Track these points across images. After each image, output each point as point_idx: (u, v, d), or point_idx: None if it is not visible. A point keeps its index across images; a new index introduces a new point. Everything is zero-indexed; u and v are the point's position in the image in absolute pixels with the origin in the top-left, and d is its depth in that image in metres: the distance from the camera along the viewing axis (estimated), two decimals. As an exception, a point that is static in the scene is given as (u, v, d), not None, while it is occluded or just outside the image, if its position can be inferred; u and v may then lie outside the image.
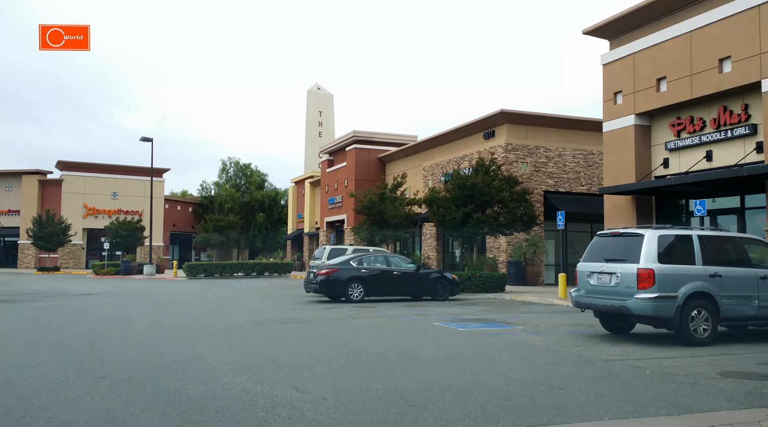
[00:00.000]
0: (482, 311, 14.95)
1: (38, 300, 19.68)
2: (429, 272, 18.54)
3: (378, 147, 39.19)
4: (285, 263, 41.40)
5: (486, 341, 9.57)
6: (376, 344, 9.37)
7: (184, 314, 14.51)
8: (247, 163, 66.39)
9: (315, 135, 65.77)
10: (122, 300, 19.51)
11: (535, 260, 26.37)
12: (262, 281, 32.92)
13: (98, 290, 25.53)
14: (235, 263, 39.82)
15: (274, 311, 14.97)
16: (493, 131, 28.05)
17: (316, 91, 66.68)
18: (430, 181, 32.99)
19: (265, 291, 23.90)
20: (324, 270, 17.34)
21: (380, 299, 18.18)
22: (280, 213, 65.76)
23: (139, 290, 24.97)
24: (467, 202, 20.65)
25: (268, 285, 28.93)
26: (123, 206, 54.32)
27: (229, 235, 52.11)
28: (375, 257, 18.44)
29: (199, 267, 38.26)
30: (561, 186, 27.72)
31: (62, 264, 51.68)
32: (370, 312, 14.48)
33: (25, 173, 52.85)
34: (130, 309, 16.03)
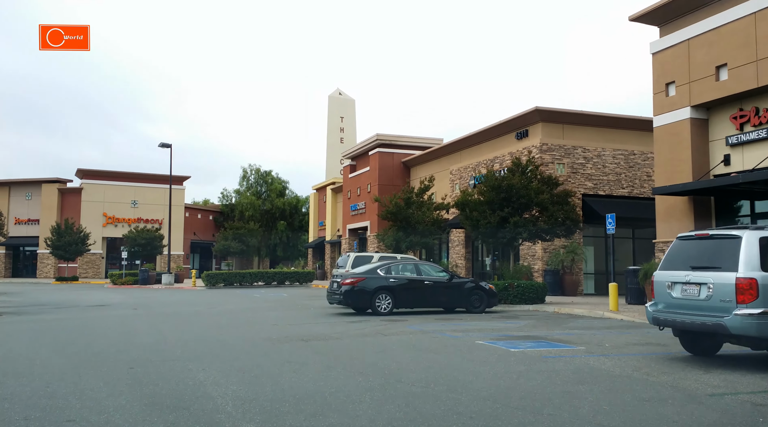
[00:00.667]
0: (528, 326, 13.24)
1: (45, 312, 18.50)
2: (463, 281, 16.87)
3: (402, 151, 37.65)
4: (306, 271, 39.98)
5: (549, 367, 7.90)
6: (415, 370, 7.76)
7: (196, 329, 13.06)
8: (268, 171, 65.39)
9: (336, 141, 64.51)
10: (133, 312, 18.21)
11: (574, 269, 24.51)
12: (282, 291, 31.51)
13: (112, 300, 24.36)
14: (255, 272, 38.51)
15: (295, 326, 13.45)
16: (526, 131, 26.33)
17: (338, 97, 65.48)
18: (458, 186, 31.33)
19: (286, 302, 22.44)
20: (349, 279, 15.79)
21: (410, 312, 16.57)
22: (301, 221, 64.51)
23: (153, 301, 23.70)
24: (503, 205, 18.96)
25: (288, 295, 27.49)
26: (143, 215, 53.53)
27: (249, 243, 50.83)
28: (404, 266, 16.84)
29: (218, 276, 37.03)
30: (600, 189, 25.86)
31: (81, 274, 50.96)
32: (400, 327, 12.87)
33: (45, 182, 52.34)
34: (138, 323, 14.65)
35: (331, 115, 65.03)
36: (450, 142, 32.70)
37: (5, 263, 52.67)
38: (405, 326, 12.97)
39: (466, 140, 31.00)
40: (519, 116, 26.30)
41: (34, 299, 25.07)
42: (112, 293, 30.72)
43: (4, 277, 51.92)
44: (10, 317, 16.69)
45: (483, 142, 29.68)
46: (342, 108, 65.36)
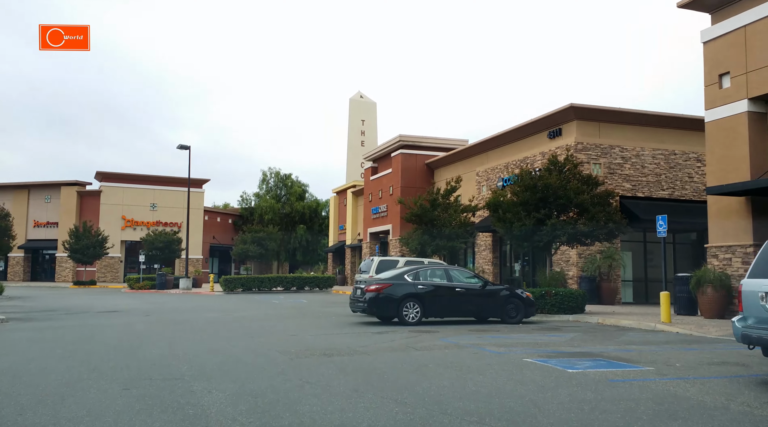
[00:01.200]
0: (575, 340, 11.85)
1: (53, 318, 17.57)
2: (497, 288, 15.51)
3: (425, 152, 36.37)
4: (326, 276, 38.82)
5: (623, 395, 6.55)
6: (461, 396, 6.47)
7: (207, 340, 11.90)
8: (288, 174, 64.43)
9: (357, 144, 63.47)
10: (144, 319, 17.18)
11: (611, 275, 22.96)
12: (302, 297, 30.37)
13: (125, 306, 23.43)
14: (274, 276, 37.47)
15: (316, 337, 12.23)
16: (559, 130, 24.90)
17: (359, 100, 64.48)
18: (485, 188, 29.95)
19: (305, 309, 21.27)
20: (374, 286, 14.53)
21: (439, 322, 15.26)
22: (321, 225, 63.47)
23: (167, 307, 22.70)
24: (539, 206, 17.56)
25: (308, 302, 26.33)
26: (162, 218, 52.89)
27: (268, 246, 49.78)
28: (432, 271, 15.53)
29: (236, 281, 36.04)
30: (639, 190, 24.30)
31: (100, 278, 50.45)
32: (433, 340, 11.57)
33: (64, 184, 51.99)
34: (146, 332, 13.56)
35: (352, 118, 64.04)
36: (476, 143, 31.35)
37: (24, 267, 52.39)
38: (437, 339, 11.66)
39: (493, 141, 29.63)
40: (552, 114, 24.88)
41: (46, 304, 24.26)
42: (128, 298, 29.87)
43: (23, 280, 51.63)
44: (14, 324, 15.75)
45: (512, 143, 28.29)
46: (363, 111, 64.34)
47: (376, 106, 65.29)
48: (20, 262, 52.26)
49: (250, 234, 49.54)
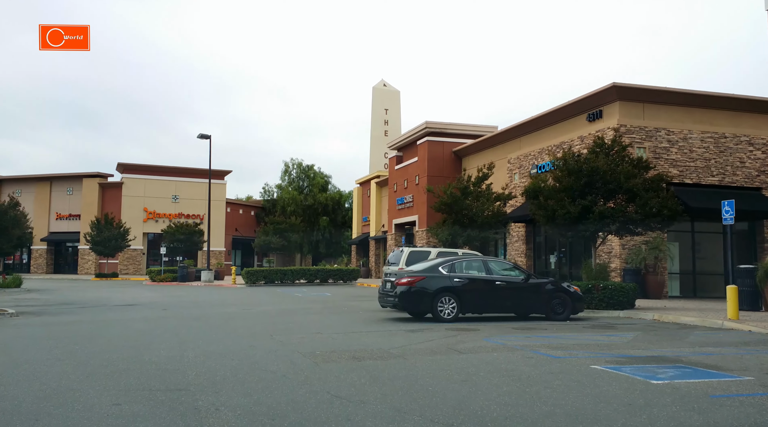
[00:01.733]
0: (639, 340, 10.39)
1: (66, 313, 16.65)
2: (541, 281, 14.08)
3: (453, 139, 34.88)
4: (350, 269, 37.62)
5: (741, 419, 5.15)
6: (534, 420, 5.13)
7: (223, 339, 10.72)
8: (310, 165, 63.33)
9: (380, 134, 62.15)
10: (161, 314, 16.17)
11: (658, 268, 21.32)
12: (325, 290, 29.23)
13: (143, 299, 22.52)
14: (297, 269, 36.38)
15: (342, 336, 10.97)
16: (600, 111, 23.25)
17: (382, 88, 63.08)
18: (517, 175, 28.40)
19: (330, 303, 20.07)
20: (405, 279, 13.20)
21: (478, 318, 13.90)
22: (344, 216, 62.35)
23: (186, 301, 21.70)
24: (584, 192, 16.04)
25: (332, 295, 25.15)
26: (184, 210, 52.25)
27: (291, 238, 48.71)
28: (469, 263, 14.14)
29: (258, 274, 35.05)
30: (687, 176, 22.55)
31: (122, 270, 50.02)
32: (475, 339, 10.23)
33: (86, 176, 51.58)
34: (160, 328, 12.46)
35: (375, 107, 62.70)
36: (507, 129, 29.78)
37: (47, 259, 52.21)
38: (480, 339, 10.31)
39: (526, 125, 28.04)
40: (592, 95, 23.23)
41: (63, 298, 23.49)
42: (148, 291, 29.06)
43: (46, 273, 51.45)
44: (24, 319, 14.85)
45: (547, 127, 26.68)
46: (386, 100, 62.95)
47: (399, 95, 63.83)
48: (43, 254, 52.08)
49: (272, 226, 48.52)
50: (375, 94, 62.68)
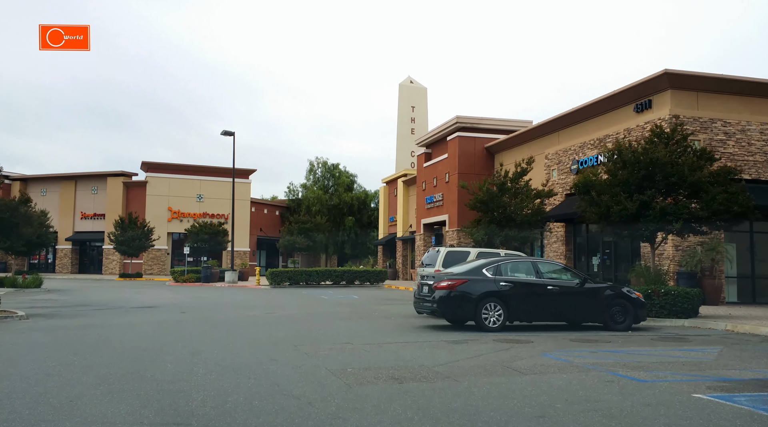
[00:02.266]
0: (727, 357, 8.79)
1: (79, 315, 15.63)
2: (599, 286, 12.52)
3: (484, 135, 33.28)
4: (377, 270, 36.26)
5: None
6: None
7: (242, 349, 9.42)
8: (335, 164, 62.17)
9: (407, 132, 60.72)
10: (178, 317, 15.04)
11: (715, 271, 19.52)
12: (352, 292, 27.92)
13: (164, 301, 21.50)
14: (322, 270, 35.16)
15: (376, 348, 9.58)
16: (649, 101, 21.51)
17: (409, 85, 61.64)
18: (555, 172, 26.74)
19: (358, 307, 18.73)
20: (445, 282, 11.76)
21: (526, 326, 12.41)
22: (370, 217, 61.05)
23: (208, 303, 20.59)
24: (642, 186, 14.40)
25: (360, 297, 23.82)
26: (208, 209, 51.52)
27: (316, 238, 47.48)
28: (516, 264, 12.63)
29: (283, 275, 33.92)
30: (745, 172, 20.67)
31: (146, 270, 49.44)
32: (532, 355, 8.77)
33: (110, 175, 51.17)
34: (173, 335, 11.25)
35: (401, 104, 61.30)
36: (545, 122, 28.10)
37: (72, 259, 51.91)
38: (539, 354, 8.83)
39: (565, 118, 26.36)
40: (641, 83, 21.49)
41: (82, 299, 22.62)
42: (169, 292, 28.12)
43: (71, 273, 51.14)
44: (33, 322, 13.83)
45: (588, 120, 24.98)
46: (413, 97, 61.51)
47: (426, 92, 62.35)
48: (68, 254, 51.79)
49: (297, 225, 47.31)
50: (401, 92, 61.27)
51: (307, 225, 47.02)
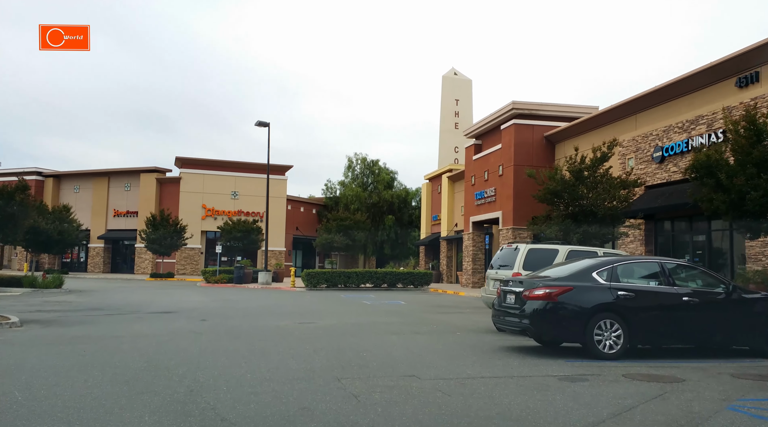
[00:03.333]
0: None
1: (84, 322, 13.26)
2: (753, 297, 9.19)
3: (544, 122, 29.88)
4: (422, 272, 33.19)
5: None
6: None
7: (261, 383, 6.50)
8: (375, 160, 59.19)
9: (450, 127, 57.41)
10: (196, 327, 12.43)
11: None
12: (396, 296, 24.94)
13: (187, 304, 19.01)
14: (363, 271, 32.26)
15: (456, 386, 6.54)
16: (756, 74, 17.91)
17: (453, 77, 58.34)
18: (632, 161, 23.23)
19: (408, 315, 15.72)
20: (542, 290, 8.58)
21: (647, 352, 9.17)
22: (410, 216, 57.96)
23: (235, 308, 17.95)
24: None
25: (407, 303, 20.83)
26: (243, 207, 49.26)
27: (355, 237, 44.49)
28: (635, 266, 9.34)
29: (319, 276, 31.19)
30: None
31: (179, 270, 47.46)
32: (707, 407, 5.61)
33: (143, 171, 49.42)
34: (180, 355, 8.49)
35: (444, 97, 58.04)
36: (618, 105, 24.58)
37: (104, 258, 50.35)
38: (720, 407, 5.65)
39: (645, 99, 22.83)
40: (744, 53, 17.94)
41: (98, 301, 20.38)
42: (197, 294, 25.70)
43: (103, 272, 49.60)
44: (22, 331, 11.46)
45: (675, 99, 21.42)
46: (457, 89, 58.18)
47: (471, 84, 58.92)
48: (100, 253, 50.25)
49: (336, 222, 44.27)
50: (444, 84, 58.03)
51: (347, 222, 43.98)
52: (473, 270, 33.71)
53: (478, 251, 34.06)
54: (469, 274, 33.94)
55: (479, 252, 34.06)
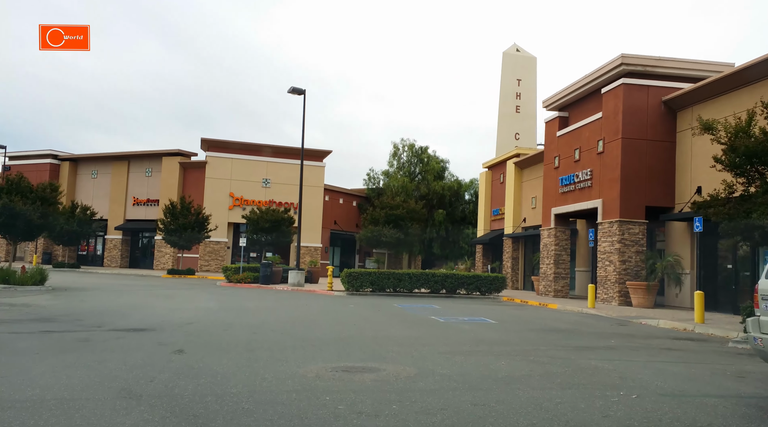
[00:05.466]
0: None
1: (53, 339, 7.05)
2: None
3: (662, 83, 22.86)
4: (493, 276, 26.47)
5: None
6: None
7: None
8: (424, 147, 52.35)
9: (511, 110, 50.51)
10: (161, 362, 6.10)
11: None
12: (472, 308, 18.39)
13: (179, 317, 13.04)
14: (417, 272, 25.78)
15: None
16: None
17: (515, 54, 51.39)
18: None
19: (517, 344, 9.13)
20: None
21: None
22: (463, 210, 51.17)
23: (244, 322, 11.79)
24: None
25: (498, 322, 14.29)
26: (276, 196, 43.33)
27: (409, 230, 37.51)
28: None
29: (363, 278, 24.90)
30: None
31: (203, 266, 41.88)
32: None
33: (166, 155, 44.04)
34: None
35: (504, 77, 51.12)
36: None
37: (122, 251, 45.18)
38: None
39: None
40: None
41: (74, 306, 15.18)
42: (209, 298, 19.80)
43: (120, 266, 44.44)
44: None
45: None
46: (519, 68, 51.20)
47: (535, 62, 51.91)
48: (117, 245, 45.11)
49: (385, 211, 37.19)
50: (505, 61, 51.11)
51: (398, 211, 37.07)
52: (555, 275, 26.84)
53: (562, 250, 27.19)
54: (550, 280, 27.09)
55: (563, 252, 27.18)
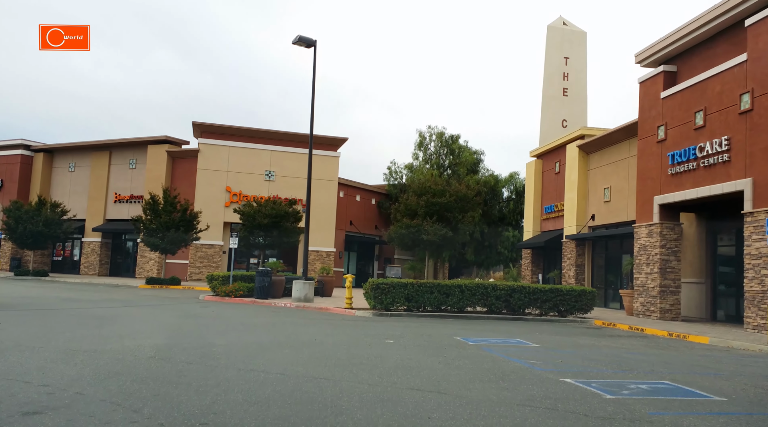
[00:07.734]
0: None
1: None
2: None
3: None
4: (579, 290, 18.95)
5: None
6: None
7: None
8: (455, 135, 44.97)
9: (557, 93, 43.07)
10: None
11: None
12: (579, 341, 10.99)
13: (67, 373, 5.53)
14: (472, 285, 18.35)
15: None
16: None
17: (561, 29, 44.02)
18: None
19: None
20: None
21: None
22: (501, 210, 43.78)
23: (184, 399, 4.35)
24: None
25: (716, 392, 6.88)
26: (281, 192, 35.99)
27: (460, 224, 29.34)
28: None
29: (396, 291, 17.60)
30: None
31: (193, 273, 34.75)
32: None
33: (151, 142, 37.06)
34: None
35: (549, 55, 43.72)
36: None
37: (101, 256, 38.13)
38: None
39: None
40: None
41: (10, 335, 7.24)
42: (164, 324, 12.58)
43: (99, 274, 37.45)
44: None
45: None
46: (566, 45, 43.79)
47: (585, 37, 44.47)
48: (96, 249, 38.11)
49: (425, 198, 28.63)
50: (550, 36, 43.78)
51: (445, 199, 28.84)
52: (661, 289, 19.39)
53: (671, 255, 19.73)
54: (653, 295, 19.62)
55: (671, 258, 19.72)
